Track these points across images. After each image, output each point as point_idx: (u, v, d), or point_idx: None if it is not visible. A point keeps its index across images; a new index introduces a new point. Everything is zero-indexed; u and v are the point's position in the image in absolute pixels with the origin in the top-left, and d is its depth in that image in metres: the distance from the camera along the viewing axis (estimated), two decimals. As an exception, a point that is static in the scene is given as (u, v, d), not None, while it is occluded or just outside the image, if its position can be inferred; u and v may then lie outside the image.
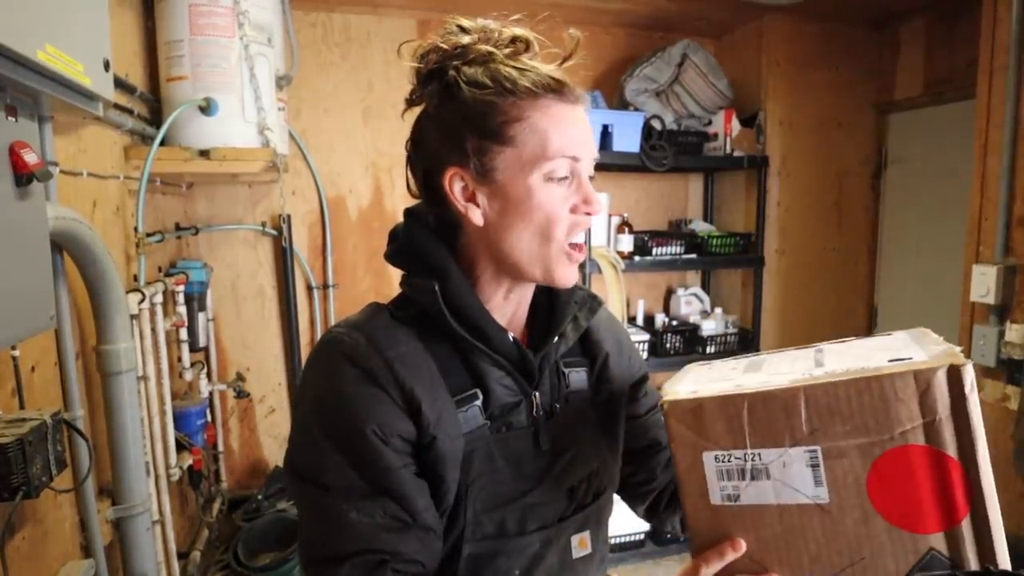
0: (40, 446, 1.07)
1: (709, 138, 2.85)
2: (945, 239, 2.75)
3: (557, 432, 0.75)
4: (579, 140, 0.68)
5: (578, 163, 0.68)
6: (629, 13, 2.76)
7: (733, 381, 0.59)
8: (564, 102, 0.68)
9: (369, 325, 0.70)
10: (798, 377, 0.54)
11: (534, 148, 0.66)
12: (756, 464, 0.55)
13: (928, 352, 0.53)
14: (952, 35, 2.66)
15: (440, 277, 0.70)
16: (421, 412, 0.65)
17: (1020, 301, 1.96)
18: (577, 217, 0.69)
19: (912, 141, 2.95)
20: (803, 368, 0.57)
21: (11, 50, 0.86)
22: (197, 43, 1.94)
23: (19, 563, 1.18)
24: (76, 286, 1.47)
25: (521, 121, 0.66)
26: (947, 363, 0.49)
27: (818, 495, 0.53)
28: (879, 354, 0.56)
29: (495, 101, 0.66)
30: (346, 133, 2.67)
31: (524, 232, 0.68)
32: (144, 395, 1.78)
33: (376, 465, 0.64)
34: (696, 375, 0.67)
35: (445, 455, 0.67)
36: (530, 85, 0.66)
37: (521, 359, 0.73)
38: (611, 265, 2.63)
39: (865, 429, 0.51)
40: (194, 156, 1.95)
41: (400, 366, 0.66)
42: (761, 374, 0.60)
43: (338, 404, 0.66)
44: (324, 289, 2.72)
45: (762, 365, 0.63)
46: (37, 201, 1.03)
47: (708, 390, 0.57)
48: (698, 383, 0.61)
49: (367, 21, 2.64)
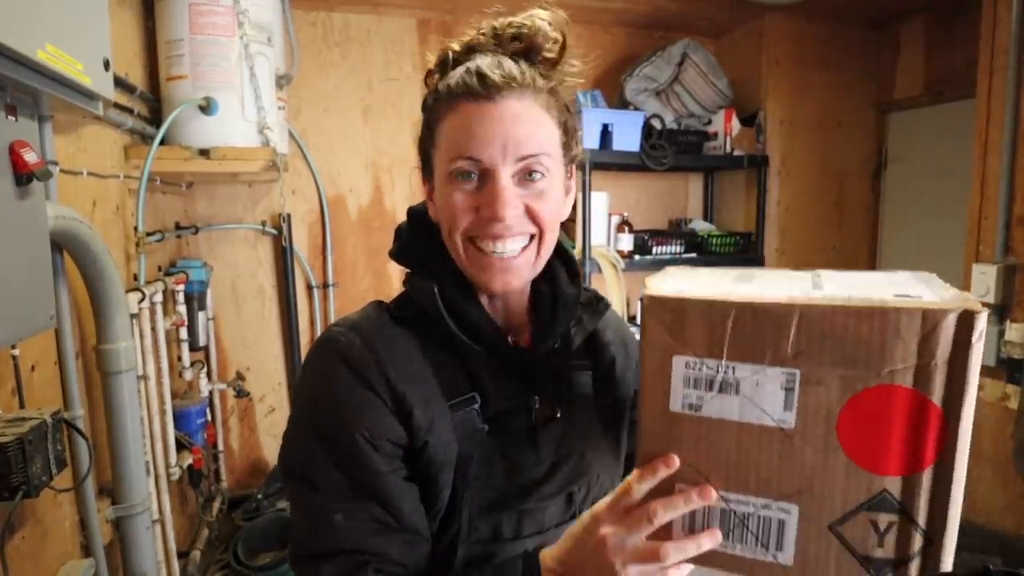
0: (40, 445, 1.08)
1: (709, 137, 2.85)
2: (945, 238, 2.75)
3: (557, 437, 0.74)
4: (482, 140, 0.64)
5: (481, 164, 0.65)
6: (629, 12, 2.76)
7: (722, 288, 0.54)
8: (476, 100, 0.65)
9: (367, 325, 0.70)
10: (795, 295, 0.50)
11: (445, 149, 0.67)
12: (727, 377, 0.52)
13: (938, 294, 0.50)
14: (952, 35, 2.66)
15: (439, 279, 0.70)
16: (412, 417, 0.65)
17: (1020, 300, 1.96)
18: (481, 219, 0.66)
19: (912, 141, 2.95)
20: (800, 288, 0.54)
21: (11, 49, 0.86)
22: (197, 42, 1.94)
23: (19, 562, 1.18)
24: (76, 285, 1.47)
25: (442, 123, 0.68)
26: (961, 307, 0.46)
27: (784, 419, 0.51)
28: (884, 287, 0.53)
29: (434, 106, 0.69)
30: (346, 132, 2.66)
31: (444, 231, 0.70)
32: (144, 394, 1.78)
33: (365, 469, 0.64)
34: (682, 277, 0.62)
35: (437, 460, 0.67)
36: (451, 87, 0.66)
37: (520, 363, 0.73)
38: (611, 264, 2.63)
39: (854, 361, 0.48)
40: (194, 155, 1.94)
41: (393, 370, 0.66)
42: (753, 285, 0.56)
43: (331, 406, 0.66)
44: (324, 288, 2.72)
45: (754, 278, 0.60)
46: (37, 200, 1.03)
47: (695, 292, 0.53)
48: (683, 283, 0.57)
49: (367, 20, 2.64)
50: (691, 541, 0.55)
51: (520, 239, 0.68)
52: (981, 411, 2.08)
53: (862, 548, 0.51)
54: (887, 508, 0.50)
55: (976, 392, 0.48)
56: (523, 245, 0.68)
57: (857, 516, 0.51)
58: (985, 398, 2.07)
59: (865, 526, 0.51)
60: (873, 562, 0.51)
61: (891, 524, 0.50)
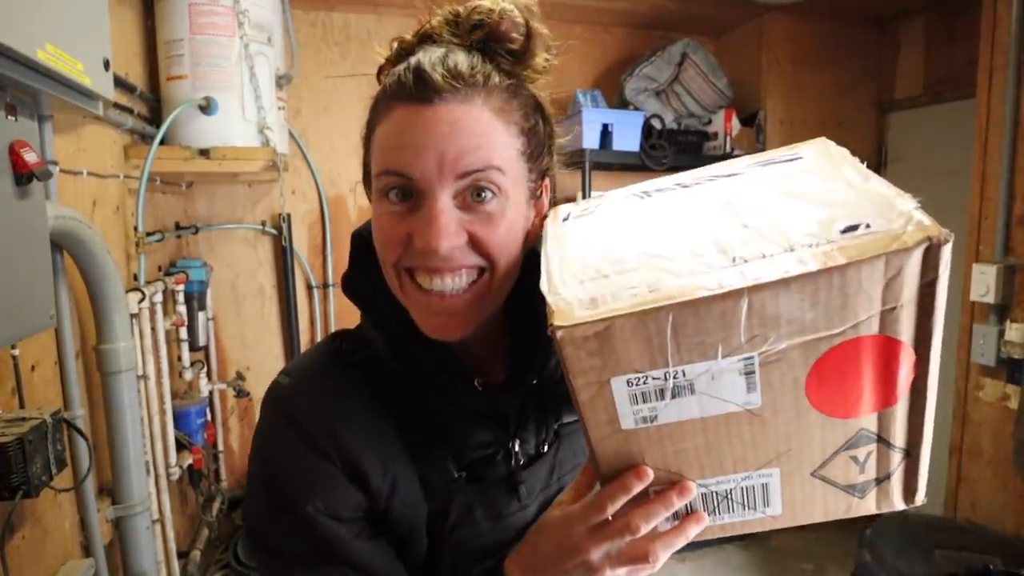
0: (40, 445, 1.07)
1: (709, 137, 2.85)
2: (945, 238, 2.75)
3: (545, 474, 0.67)
4: (413, 152, 0.53)
5: (413, 181, 0.53)
6: (630, 12, 2.76)
7: (634, 263, 0.47)
8: (411, 103, 0.54)
9: (318, 376, 0.63)
10: (731, 280, 0.42)
11: (375, 162, 0.57)
12: (679, 382, 0.45)
13: (885, 216, 0.43)
14: (952, 35, 2.66)
15: (388, 321, 0.61)
16: (370, 484, 0.59)
17: (1020, 300, 1.96)
18: (414, 250, 0.55)
19: (912, 140, 2.95)
20: (726, 230, 0.46)
21: (11, 49, 0.86)
22: (197, 42, 1.94)
23: (19, 562, 1.18)
24: (76, 285, 1.47)
25: (373, 129, 0.58)
26: (923, 238, 0.39)
27: (749, 401, 0.46)
28: (812, 208, 0.46)
29: (371, 109, 0.59)
30: (346, 132, 2.66)
31: (379, 259, 0.59)
32: (144, 394, 1.78)
33: (327, 539, 0.58)
34: (574, 242, 0.54)
35: (404, 522, 0.61)
36: (386, 87, 0.57)
37: (493, 406, 0.64)
38: (611, 264, 2.63)
39: (814, 327, 0.42)
40: (194, 155, 1.94)
41: (346, 433, 0.59)
42: (668, 242, 0.48)
43: (282, 476, 0.60)
44: (324, 288, 2.72)
45: (662, 216, 0.52)
46: (37, 200, 1.03)
47: (613, 299, 0.44)
48: (587, 273, 0.48)
49: (367, 20, 2.64)
50: (678, 533, 0.51)
51: (465, 274, 0.56)
52: (981, 411, 2.09)
53: (844, 479, 0.50)
54: (865, 443, 0.48)
55: (943, 318, 0.44)
56: (470, 280, 0.56)
57: (837, 458, 0.49)
58: (985, 398, 2.07)
59: (846, 463, 0.49)
60: (856, 487, 0.51)
61: (869, 453, 0.49)
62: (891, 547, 1.85)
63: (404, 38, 0.61)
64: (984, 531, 1.92)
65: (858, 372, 0.45)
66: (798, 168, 0.54)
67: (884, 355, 0.44)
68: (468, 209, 0.54)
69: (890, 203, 0.44)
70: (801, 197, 0.48)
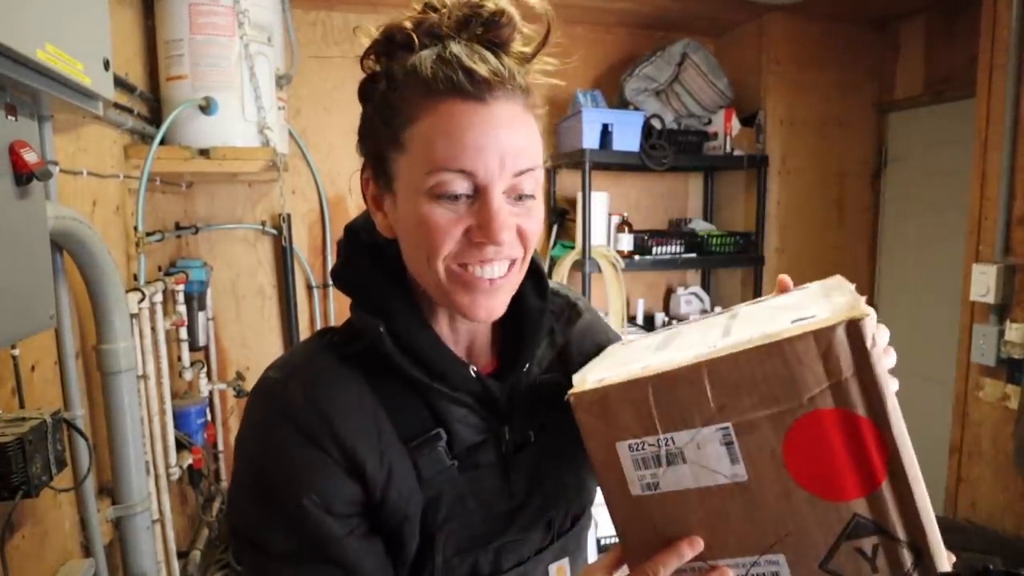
0: (40, 445, 1.08)
1: (709, 137, 2.85)
2: (945, 238, 2.75)
3: (532, 462, 0.68)
4: (477, 149, 0.54)
5: (476, 178, 0.55)
6: (630, 12, 2.76)
7: (642, 362, 0.55)
8: (465, 100, 0.55)
9: (310, 369, 0.63)
10: (702, 352, 0.51)
11: (421, 158, 0.56)
12: (670, 448, 0.52)
13: (832, 306, 0.50)
14: (952, 34, 2.66)
15: (385, 315, 0.62)
16: (366, 472, 0.59)
17: (1020, 300, 1.96)
18: (471, 242, 0.57)
19: (912, 140, 2.95)
20: (712, 339, 0.54)
21: (11, 49, 0.86)
22: (197, 42, 1.94)
23: (19, 562, 1.18)
24: (76, 285, 1.47)
25: (413, 123, 0.56)
26: (845, 319, 0.46)
27: (736, 473, 0.51)
28: (784, 314, 0.53)
29: (395, 98, 0.58)
30: (346, 132, 2.66)
31: (413, 252, 0.60)
32: (144, 394, 1.78)
33: (318, 534, 0.58)
34: (611, 359, 0.63)
35: (399, 512, 0.61)
36: (427, 77, 0.55)
37: (484, 394, 0.65)
38: (611, 264, 2.63)
39: (773, 399, 0.48)
40: (194, 155, 1.94)
41: (341, 423, 0.59)
42: (669, 351, 0.56)
43: (275, 470, 0.59)
44: (324, 288, 2.72)
45: (674, 339, 0.60)
46: (37, 200, 1.03)
47: (615, 376, 0.54)
48: (609, 369, 0.58)
49: (367, 20, 2.64)
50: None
51: (507, 262, 0.60)
52: (981, 411, 2.08)
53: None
54: (865, 531, 0.50)
55: (894, 396, 0.48)
56: (509, 265, 0.60)
57: (841, 548, 0.51)
58: (985, 398, 2.07)
59: (853, 555, 0.50)
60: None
61: (875, 546, 0.50)
62: (891, 547, 1.84)
63: (401, 26, 0.59)
64: (984, 531, 1.92)
65: (830, 447, 0.48)
66: (801, 293, 0.61)
67: (848, 430, 0.48)
68: (515, 204, 0.58)
69: (845, 293, 0.52)
70: (783, 308, 0.56)
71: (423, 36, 0.58)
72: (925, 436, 3.13)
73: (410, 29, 0.58)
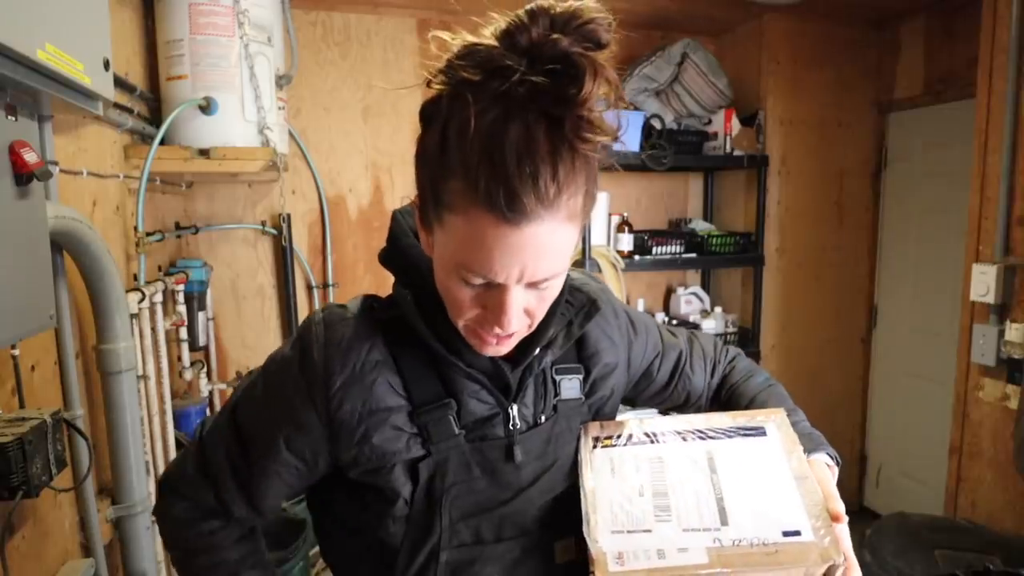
0: (40, 445, 1.08)
1: (709, 137, 2.85)
2: (945, 238, 2.75)
3: (538, 444, 0.73)
4: (500, 265, 0.57)
5: (496, 280, 0.58)
6: (630, 12, 2.76)
7: (644, 525, 0.66)
8: (499, 222, 0.54)
9: (346, 324, 0.70)
10: (708, 544, 0.63)
11: (453, 244, 0.59)
12: None
13: (813, 523, 0.64)
14: (952, 34, 2.66)
15: (415, 283, 0.68)
16: (340, 430, 0.68)
17: (1020, 300, 1.96)
18: (485, 317, 0.62)
19: (912, 140, 2.95)
20: (709, 518, 0.66)
21: (11, 49, 0.86)
22: (197, 42, 1.94)
23: (19, 562, 1.18)
24: (76, 285, 1.47)
25: (450, 211, 0.57)
26: (830, 561, 0.61)
27: None
28: (768, 506, 0.66)
29: (441, 164, 0.57)
30: (346, 132, 2.66)
31: (441, 291, 0.65)
32: (144, 394, 1.78)
33: (262, 456, 0.71)
34: (603, 484, 0.71)
35: (373, 463, 0.69)
36: (472, 176, 0.54)
37: (497, 374, 0.71)
38: (611, 264, 2.63)
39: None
40: (194, 155, 1.94)
41: (342, 377, 0.67)
42: (672, 521, 0.66)
43: (272, 395, 0.72)
44: (324, 288, 2.72)
45: (666, 490, 0.69)
46: (37, 200, 1.03)
47: (634, 557, 0.63)
48: (615, 524, 0.66)
49: (367, 20, 2.64)
50: None
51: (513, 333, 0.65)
52: (981, 411, 2.08)
53: None
54: None
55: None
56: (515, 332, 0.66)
57: None
58: (985, 398, 2.07)
59: None
60: None
61: None
62: (891, 547, 1.85)
63: (481, 45, 0.55)
64: (984, 531, 1.92)
65: None
66: (761, 450, 0.73)
67: None
68: (531, 289, 0.61)
69: (820, 510, 0.65)
70: (763, 487, 0.69)
71: (490, 78, 0.54)
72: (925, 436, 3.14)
73: (491, 47, 0.54)
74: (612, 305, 0.84)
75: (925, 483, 2.90)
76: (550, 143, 0.54)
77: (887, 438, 3.15)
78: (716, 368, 0.92)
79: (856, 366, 3.19)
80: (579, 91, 0.53)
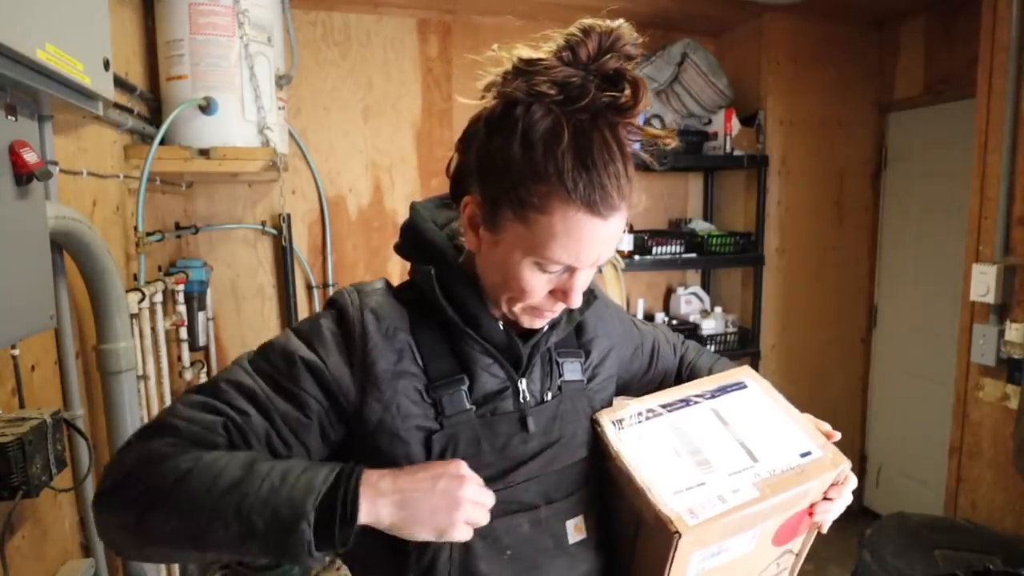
0: (40, 445, 1.08)
1: (709, 137, 2.85)
2: (945, 238, 2.75)
3: (546, 419, 0.78)
4: (586, 253, 0.67)
5: (575, 265, 0.69)
6: (629, 12, 2.71)
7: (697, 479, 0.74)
8: (591, 215, 0.65)
9: (377, 292, 0.76)
10: (754, 480, 0.74)
11: (539, 240, 0.66)
12: (723, 546, 0.73)
13: (815, 441, 0.80)
14: (952, 34, 2.66)
15: (437, 262, 0.74)
16: (367, 385, 0.70)
17: (1020, 300, 1.96)
18: (552, 298, 0.71)
19: (912, 140, 2.95)
20: (743, 460, 0.77)
21: (11, 49, 0.86)
22: (197, 42, 1.94)
23: (19, 562, 1.18)
24: (76, 285, 1.47)
25: (543, 213, 0.65)
26: (841, 467, 0.78)
27: (747, 549, 0.77)
28: (780, 440, 0.79)
29: (531, 177, 0.64)
30: (346, 132, 2.66)
31: (496, 282, 0.72)
32: (144, 394, 1.78)
33: (279, 378, 0.69)
34: (645, 457, 0.77)
35: (383, 425, 0.70)
36: (568, 182, 0.63)
37: (510, 347, 0.76)
38: (611, 264, 2.63)
39: (792, 507, 0.76)
40: (194, 155, 1.94)
41: (380, 342, 0.71)
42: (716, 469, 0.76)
43: (306, 339, 0.72)
44: (324, 288, 2.72)
45: (700, 447, 0.78)
46: (37, 200, 1.03)
47: (702, 508, 0.70)
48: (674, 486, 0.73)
49: (367, 20, 2.64)
50: None
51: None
52: (981, 411, 2.08)
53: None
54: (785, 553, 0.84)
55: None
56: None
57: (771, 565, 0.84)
58: (985, 398, 2.07)
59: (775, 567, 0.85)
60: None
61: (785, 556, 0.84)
62: (891, 547, 1.85)
63: (547, 61, 0.64)
64: (984, 531, 1.92)
65: (798, 521, 0.80)
66: (751, 398, 0.87)
67: (803, 514, 0.80)
68: (589, 269, 0.71)
69: (815, 432, 0.82)
70: (767, 425, 0.82)
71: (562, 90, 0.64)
72: (925, 436, 3.13)
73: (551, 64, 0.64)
74: (603, 295, 0.91)
75: (925, 483, 2.90)
76: (621, 148, 0.66)
77: (887, 438, 3.15)
78: (676, 349, 1.06)
79: (856, 366, 3.19)
80: (636, 102, 0.65)
